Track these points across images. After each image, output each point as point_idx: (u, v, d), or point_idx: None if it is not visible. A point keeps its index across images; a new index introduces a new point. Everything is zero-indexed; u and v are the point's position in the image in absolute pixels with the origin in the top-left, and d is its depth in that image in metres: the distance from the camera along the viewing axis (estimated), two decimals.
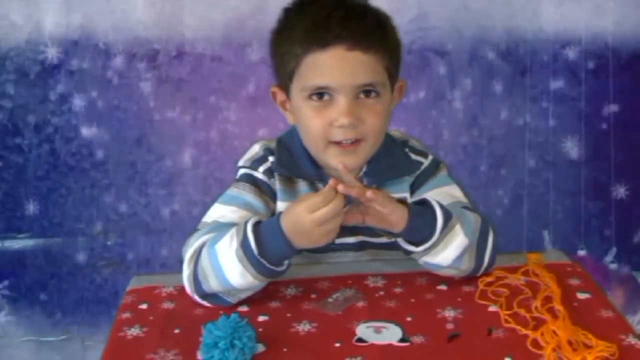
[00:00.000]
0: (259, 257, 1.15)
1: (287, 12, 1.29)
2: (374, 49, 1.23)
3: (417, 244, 1.20)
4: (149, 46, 2.07)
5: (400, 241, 1.22)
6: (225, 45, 2.08)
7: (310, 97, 1.24)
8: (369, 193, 1.13)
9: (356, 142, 1.24)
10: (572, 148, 2.16)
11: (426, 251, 1.20)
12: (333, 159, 1.26)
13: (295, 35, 1.25)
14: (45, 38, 2.05)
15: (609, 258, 2.20)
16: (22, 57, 2.05)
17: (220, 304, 1.20)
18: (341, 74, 1.22)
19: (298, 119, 1.29)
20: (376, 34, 1.25)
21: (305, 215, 1.13)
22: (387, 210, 1.16)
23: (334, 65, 1.22)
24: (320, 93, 1.24)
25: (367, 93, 1.24)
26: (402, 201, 1.20)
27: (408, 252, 1.22)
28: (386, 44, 1.26)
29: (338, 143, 1.25)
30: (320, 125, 1.24)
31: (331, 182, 1.14)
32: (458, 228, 1.21)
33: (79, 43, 2.05)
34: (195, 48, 2.08)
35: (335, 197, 1.13)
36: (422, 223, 1.19)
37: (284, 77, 1.29)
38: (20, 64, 2.06)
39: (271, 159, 1.33)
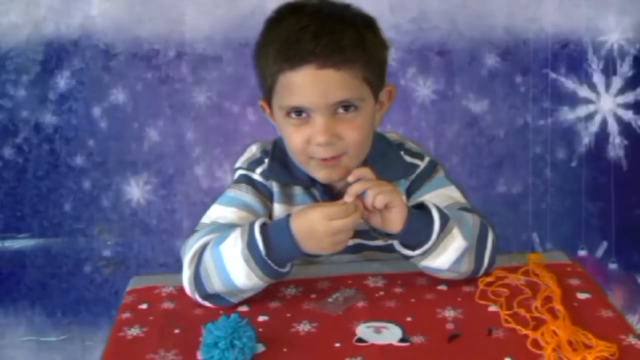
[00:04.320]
0: (266, 258, 1.15)
1: (268, 23, 1.26)
2: (348, 64, 1.18)
3: (414, 248, 1.20)
4: (149, 46, 2.07)
5: (397, 245, 1.21)
6: (225, 45, 2.08)
7: (288, 114, 1.23)
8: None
9: (337, 156, 1.23)
10: (573, 148, 2.16)
11: (424, 255, 1.19)
12: (317, 173, 1.26)
13: (269, 52, 1.22)
14: (45, 38, 2.05)
15: (600, 252, 2.20)
16: (22, 57, 2.05)
17: (221, 304, 1.20)
18: (313, 94, 1.19)
19: (281, 134, 1.29)
20: (351, 47, 1.19)
21: (322, 222, 1.13)
22: (393, 200, 1.15)
23: (305, 86, 1.19)
24: (297, 111, 1.22)
25: (345, 108, 1.21)
26: None
27: (407, 257, 1.22)
28: (364, 56, 1.21)
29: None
30: (299, 142, 1.23)
31: (349, 198, 1.15)
32: (456, 231, 1.20)
33: (79, 43, 2.06)
34: (195, 48, 2.08)
35: (355, 212, 1.15)
36: (419, 225, 1.18)
37: (265, 92, 1.28)
38: (20, 64, 2.06)
39: (267, 161, 1.33)
